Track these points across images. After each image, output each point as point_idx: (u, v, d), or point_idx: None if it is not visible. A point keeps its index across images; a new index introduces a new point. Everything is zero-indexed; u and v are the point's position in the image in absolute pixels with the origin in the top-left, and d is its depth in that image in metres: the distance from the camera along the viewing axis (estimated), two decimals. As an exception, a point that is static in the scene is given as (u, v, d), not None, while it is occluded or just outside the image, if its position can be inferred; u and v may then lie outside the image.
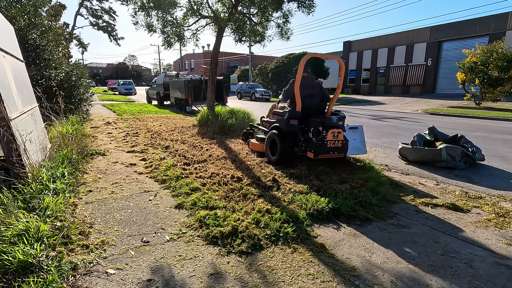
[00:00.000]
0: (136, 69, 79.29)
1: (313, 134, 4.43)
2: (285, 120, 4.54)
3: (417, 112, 15.78)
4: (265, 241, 2.54)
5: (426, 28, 25.63)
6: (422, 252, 2.47)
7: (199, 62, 48.88)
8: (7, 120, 3.04)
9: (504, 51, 15.29)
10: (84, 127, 7.99)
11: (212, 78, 8.34)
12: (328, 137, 4.27)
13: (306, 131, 4.60)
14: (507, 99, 18.00)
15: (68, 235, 2.51)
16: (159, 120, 9.89)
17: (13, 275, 1.95)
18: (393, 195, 3.74)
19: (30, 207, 2.77)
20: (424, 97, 23.07)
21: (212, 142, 6.47)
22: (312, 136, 4.44)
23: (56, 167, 3.75)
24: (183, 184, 3.84)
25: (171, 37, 7.82)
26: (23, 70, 4.85)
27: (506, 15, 20.81)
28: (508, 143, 7.15)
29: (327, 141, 4.28)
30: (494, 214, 3.24)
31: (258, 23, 8.25)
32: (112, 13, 31.28)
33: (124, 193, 3.64)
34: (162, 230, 2.75)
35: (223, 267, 2.22)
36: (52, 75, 7.68)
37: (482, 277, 2.16)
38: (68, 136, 4.97)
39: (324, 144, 4.28)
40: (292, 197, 3.41)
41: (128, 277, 2.08)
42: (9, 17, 7.19)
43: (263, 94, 24.71)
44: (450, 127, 9.72)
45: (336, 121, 4.39)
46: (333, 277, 2.12)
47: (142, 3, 7.19)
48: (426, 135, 5.94)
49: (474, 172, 4.89)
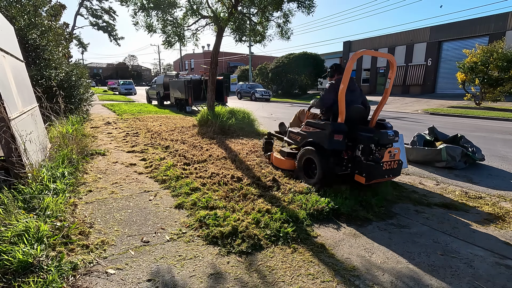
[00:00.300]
0: (136, 69, 79.29)
1: (363, 152, 3.53)
2: (328, 135, 3.57)
3: (417, 112, 15.77)
4: (265, 241, 2.54)
5: (426, 28, 25.62)
6: (422, 252, 2.47)
7: (199, 62, 48.89)
8: (7, 120, 3.04)
9: (504, 51, 15.29)
10: (84, 127, 7.99)
11: (212, 78, 8.34)
12: (384, 157, 3.41)
13: (350, 147, 3.70)
14: (507, 99, 17.99)
15: (68, 235, 2.51)
16: (159, 120, 9.89)
17: (13, 275, 1.95)
18: (393, 195, 3.74)
19: (30, 207, 2.77)
20: (424, 97, 23.07)
21: (212, 142, 6.47)
22: (362, 155, 3.54)
23: (56, 167, 3.75)
24: (183, 184, 3.84)
25: (171, 37, 7.82)
26: (23, 70, 4.85)
27: (506, 15, 20.80)
28: (508, 143, 7.15)
29: (383, 162, 3.40)
30: (494, 214, 3.24)
31: (258, 23, 8.25)
32: (112, 13, 31.30)
33: (124, 193, 3.64)
34: (162, 230, 2.75)
35: (223, 267, 2.22)
36: (52, 75, 7.68)
37: (482, 277, 2.16)
38: (68, 136, 4.97)
39: (379, 165, 3.37)
40: (292, 197, 3.41)
41: (128, 277, 2.08)
42: (9, 17, 7.19)
43: (263, 94, 24.72)
44: (450, 127, 9.72)
45: (392, 137, 3.54)
46: (333, 277, 2.12)
47: (142, 3, 7.19)
48: (426, 135, 5.94)
49: (474, 172, 4.89)
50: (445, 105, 17.62)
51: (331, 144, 3.56)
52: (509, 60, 14.82)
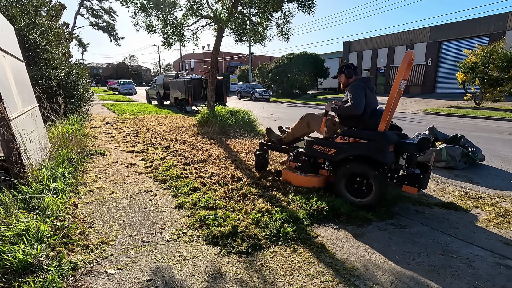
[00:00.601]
0: (136, 69, 79.31)
1: (409, 161, 3.29)
2: (382, 147, 3.10)
3: (417, 112, 15.77)
4: (265, 241, 2.54)
5: (426, 28, 25.63)
6: (422, 252, 2.47)
7: (199, 62, 48.89)
8: (7, 120, 3.04)
9: (504, 51, 15.29)
10: (84, 127, 7.99)
11: (212, 78, 8.34)
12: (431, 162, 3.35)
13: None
14: (507, 99, 18.00)
15: (68, 235, 2.51)
16: (159, 120, 9.89)
17: (13, 275, 1.95)
18: (393, 195, 3.74)
19: (30, 207, 2.77)
20: (424, 97, 23.08)
21: (212, 142, 6.47)
22: (408, 164, 3.29)
23: (56, 167, 3.75)
24: (183, 184, 3.84)
25: (171, 37, 7.82)
26: (23, 70, 4.85)
27: (506, 15, 20.81)
28: (508, 143, 7.15)
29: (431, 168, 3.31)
30: (494, 214, 3.24)
31: (258, 23, 8.25)
32: (112, 13, 31.30)
33: (124, 193, 3.64)
34: (162, 230, 2.75)
35: (223, 267, 2.22)
36: (52, 75, 7.68)
37: (482, 277, 2.16)
38: (68, 136, 4.97)
39: (428, 173, 3.26)
40: (292, 197, 3.41)
41: (128, 277, 2.08)
42: (9, 17, 7.19)
43: (263, 94, 24.74)
44: (450, 127, 9.72)
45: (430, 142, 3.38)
46: (333, 277, 2.12)
47: (142, 3, 7.19)
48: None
49: (474, 172, 4.89)
50: (445, 105, 17.62)
51: (386, 157, 3.11)
52: (509, 60, 14.82)
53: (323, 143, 3.55)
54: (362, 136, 3.27)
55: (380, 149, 3.12)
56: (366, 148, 3.21)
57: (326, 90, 34.90)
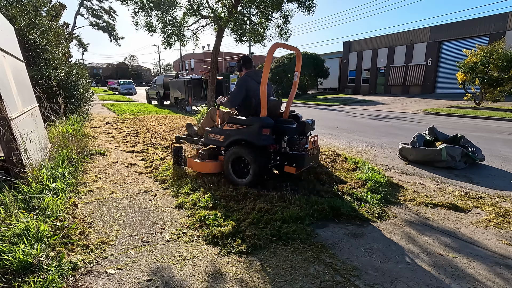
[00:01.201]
0: (136, 69, 79.29)
1: (289, 143, 3.63)
2: (257, 130, 3.48)
3: (417, 112, 15.77)
4: (265, 241, 2.54)
5: (426, 28, 25.61)
6: (422, 252, 2.47)
7: (199, 62, 48.87)
8: (7, 120, 3.05)
9: (504, 51, 15.28)
10: (84, 127, 7.99)
11: (212, 78, 8.35)
12: (309, 145, 3.67)
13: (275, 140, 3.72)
14: (507, 99, 17.99)
15: (68, 235, 2.51)
16: (159, 120, 9.89)
17: (13, 275, 1.95)
18: (393, 195, 3.74)
19: (30, 207, 2.77)
20: (424, 97, 23.07)
21: (212, 142, 6.46)
22: (288, 146, 3.64)
23: (56, 167, 3.75)
24: (183, 183, 3.83)
25: (171, 37, 7.83)
26: (23, 70, 4.85)
27: (506, 15, 20.80)
28: (508, 143, 7.15)
29: (309, 150, 3.64)
30: (494, 214, 3.24)
31: (258, 23, 8.26)
32: (112, 13, 31.31)
33: (124, 193, 3.64)
34: (162, 230, 2.75)
35: (223, 267, 2.22)
36: (52, 75, 7.68)
37: (482, 277, 2.16)
38: (68, 136, 4.97)
39: (307, 154, 3.58)
40: (292, 197, 3.40)
41: (128, 277, 2.08)
42: (9, 17, 7.19)
43: (263, 94, 24.68)
44: (450, 127, 9.72)
45: (312, 125, 3.84)
46: (333, 277, 2.12)
47: (142, 3, 7.20)
48: (426, 135, 5.94)
49: (474, 172, 4.89)
50: (445, 105, 17.61)
51: (261, 139, 3.49)
52: (509, 60, 14.81)
53: (216, 131, 3.99)
54: (241, 122, 3.69)
55: (254, 133, 3.50)
56: (244, 133, 3.63)
57: (326, 90, 34.88)
